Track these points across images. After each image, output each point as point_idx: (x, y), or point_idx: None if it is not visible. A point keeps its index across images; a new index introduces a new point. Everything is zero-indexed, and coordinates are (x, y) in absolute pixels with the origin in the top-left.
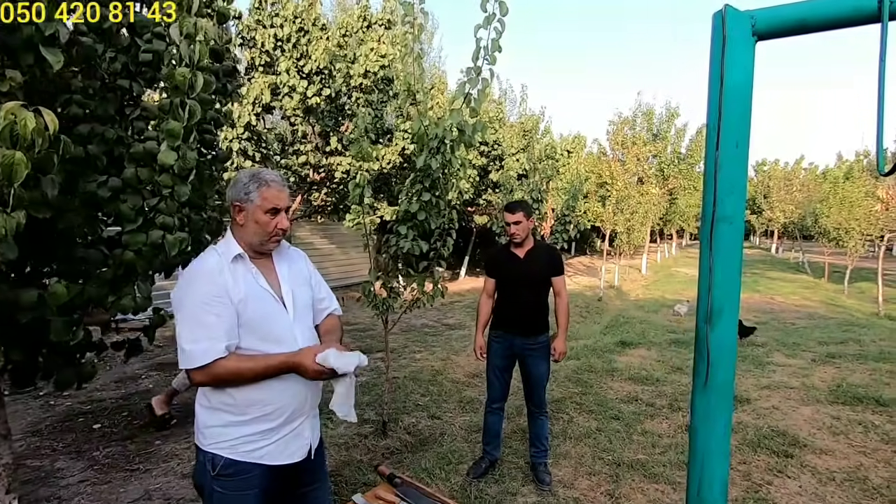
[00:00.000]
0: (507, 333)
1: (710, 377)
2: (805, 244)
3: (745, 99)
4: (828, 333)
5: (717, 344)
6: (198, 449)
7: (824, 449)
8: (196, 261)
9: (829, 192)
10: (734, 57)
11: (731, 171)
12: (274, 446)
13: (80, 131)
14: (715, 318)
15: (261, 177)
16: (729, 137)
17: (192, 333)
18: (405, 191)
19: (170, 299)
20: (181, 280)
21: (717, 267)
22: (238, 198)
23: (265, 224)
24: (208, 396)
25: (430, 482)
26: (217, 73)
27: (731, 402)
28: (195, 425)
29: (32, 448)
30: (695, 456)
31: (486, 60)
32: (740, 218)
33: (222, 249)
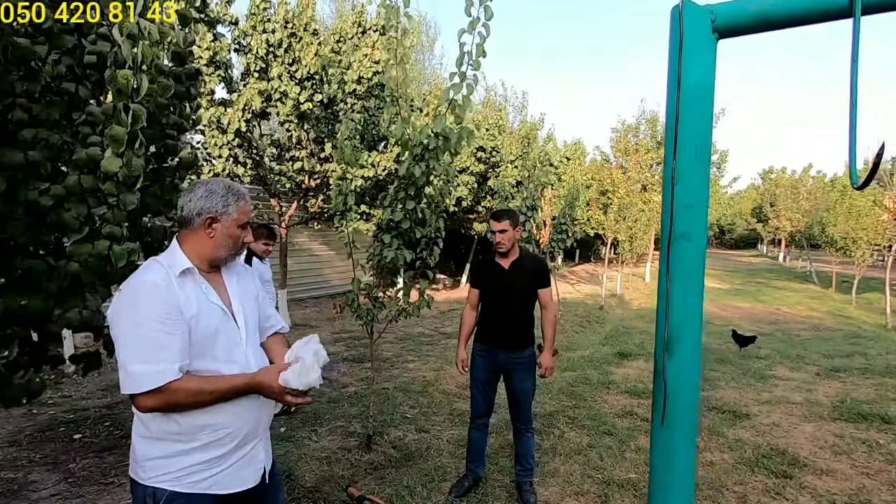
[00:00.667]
0: (492, 347)
1: (668, 413)
2: (812, 253)
3: (705, 101)
4: (833, 346)
5: (676, 375)
6: (134, 483)
7: (825, 469)
8: (138, 274)
9: (837, 200)
10: (693, 55)
11: (690, 182)
12: (224, 473)
13: (25, 136)
14: (673, 345)
15: (237, 190)
16: (687, 144)
17: (140, 354)
18: (389, 199)
19: None
20: (121, 295)
21: (674, 289)
22: (215, 210)
23: (236, 238)
24: (148, 425)
25: (409, 501)
26: (179, 77)
27: (694, 441)
28: (132, 457)
29: (9, 459)
30: (653, 500)
31: (471, 66)
32: (701, 234)
33: (167, 262)
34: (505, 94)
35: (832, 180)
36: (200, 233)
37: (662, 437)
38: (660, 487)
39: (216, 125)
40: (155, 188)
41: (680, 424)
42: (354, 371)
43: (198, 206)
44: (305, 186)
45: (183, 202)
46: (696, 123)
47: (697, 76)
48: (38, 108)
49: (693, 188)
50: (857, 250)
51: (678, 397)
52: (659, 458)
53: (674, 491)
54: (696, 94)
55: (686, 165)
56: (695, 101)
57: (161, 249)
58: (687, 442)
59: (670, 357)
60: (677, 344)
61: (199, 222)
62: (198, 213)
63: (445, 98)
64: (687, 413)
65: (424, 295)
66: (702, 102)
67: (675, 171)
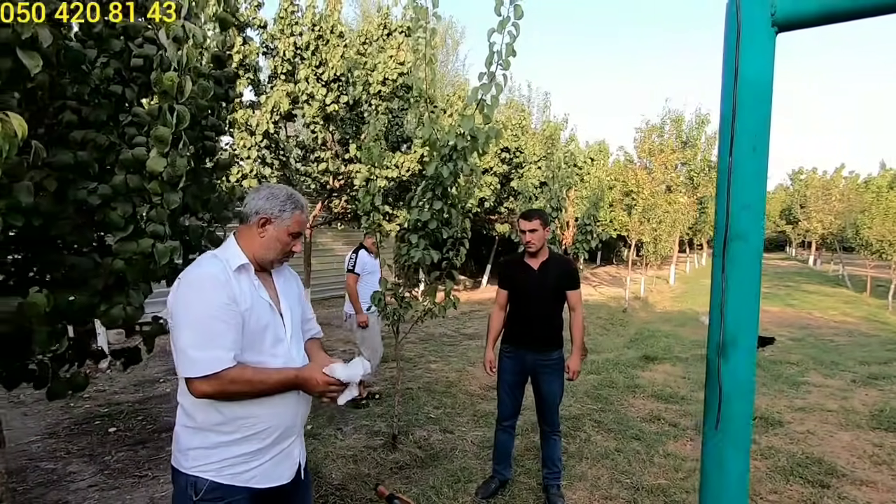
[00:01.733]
0: (519, 348)
1: (722, 418)
2: (845, 256)
3: (763, 97)
4: (870, 352)
5: (732, 379)
6: (176, 472)
7: (865, 480)
8: (197, 266)
9: (872, 202)
10: (751, 49)
11: (747, 181)
12: (263, 468)
13: (74, 137)
14: (728, 348)
15: (297, 200)
16: (744, 141)
17: (200, 341)
18: (416, 199)
19: (162, 305)
20: (182, 285)
21: (730, 291)
22: (270, 212)
23: (285, 244)
24: (193, 415)
25: (437, 501)
26: (219, 80)
27: (748, 448)
28: (174, 446)
29: (49, 450)
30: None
31: (500, 66)
32: (758, 235)
33: (224, 256)
34: (528, 95)
35: (866, 181)
36: (254, 230)
37: (716, 443)
38: (712, 495)
39: (245, 127)
40: (194, 188)
41: (734, 430)
42: (378, 371)
43: (257, 206)
44: (330, 187)
45: (247, 198)
46: (754, 119)
47: (755, 71)
48: (87, 111)
49: (750, 187)
50: (894, 253)
51: (732, 402)
52: (712, 465)
53: (728, 497)
54: (753, 89)
55: (743, 163)
56: (752, 96)
57: (199, 248)
58: (742, 448)
59: (725, 361)
60: (733, 348)
61: (254, 220)
62: (255, 212)
63: (474, 97)
64: (742, 418)
65: (450, 295)
66: (760, 98)
67: (732, 169)
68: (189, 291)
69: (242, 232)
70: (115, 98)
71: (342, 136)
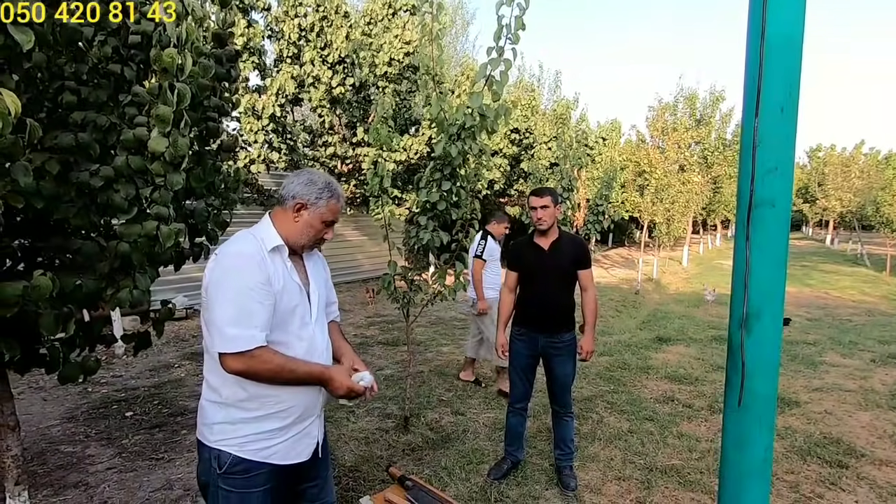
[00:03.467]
0: (531, 331)
1: (745, 394)
2: (864, 235)
3: (793, 54)
4: (890, 332)
5: (755, 354)
6: (201, 445)
7: (885, 460)
8: (235, 243)
9: (894, 178)
10: (780, 1)
11: (774, 144)
12: (283, 445)
13: (74, 118)
14: (752, 321)
15: (334, 189)
16: (772, 101)
17: (236, 317)
18: (424, 180)
19: (175, 291)
20: (220, 261)
21: (755, 261)
22: (307, 198)
23: (318, 231)
24: (219, 391)
25: (448, 482)
26: (220, 59)
27: (773, 426)
28: (200, 420)
29: (68, 434)
30: (725, 489)
31: (509, 40)
32: (786, 201)
33: (260, 236)
34: (539, 75)
35: (887, 157)
36: (289, 214)
37: (738, 420)
38: (733, 474)
39: (251, 111)
40: (198, 170)
41: (758, 407)
42: (389, 354)
43: (294, 190)
44: (338, 171)
45: (286, 181)
46: (783, 78)
47: (784, 25)
48: (87, 91)
49: (778, 150)
50: None
51: (756, 378)
52: (732, 443)
53: (750, 477)
54: (782, 44)
55: (770, 125)
56: (781, 52)
57: (205, 231)
58: (766, 426)
59: (748, 334)
60: (757, 320)
61: (290, 204)
62: (292, 196)
63: (482, 74)
64: (766, 394)
65: (461, 278)
66: (789, 54)
67: (758, 132)
68: (227, 269)
69: (278, 214)
70: (115, 77)
71: (349, 119)
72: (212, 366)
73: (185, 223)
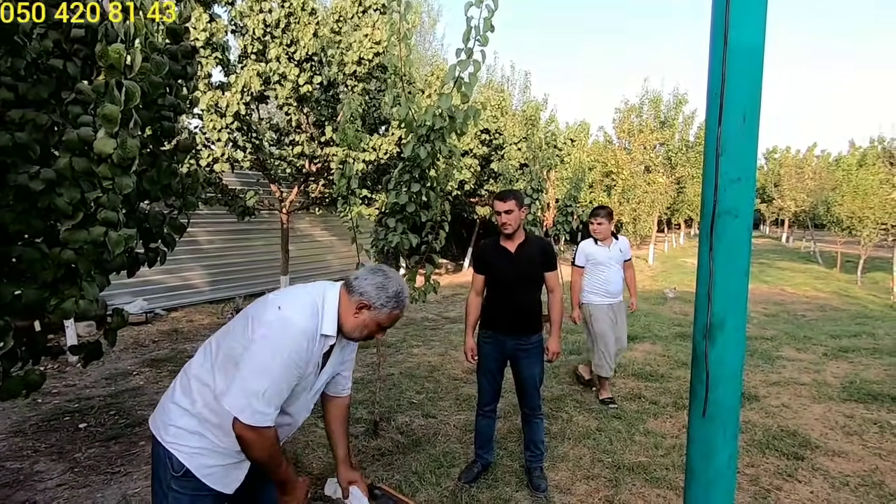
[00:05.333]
0: (499, 334)
1: (709, 404)
2: (816, 233)
3: (754, 62)
4: (840, 326)
5: (719, 364)
6: (156, 440)
7: (837, 451)
8: (302, 313)
9: (843, 179)
10: (741, 11)
11: (737, 153)
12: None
13: (12, 117)
14: (715, 331)
15: (402, 300)
16: (734, 110)
17: (269, 395)
18: (393, 182)
19: (133, 294)
20: (281, 327)
21: (718, 270)
22: (372, 301)
23: (372, 331)
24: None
25: (419, 487)
26: (175, 55)
27: (737, 433)
28: (159, 415)
29: (14, 449)
30: (692, 497)
31: (478, 41)
32: (748, 211)
33: (324, 313)
34: (510, 76)
35: (837, 160)
36: (352, 307)
37: (703, 430)
38: (700, 483)
39: (214, 109)
40: (152, 172)
41: (722, 416)
42: (359, 357)
43: (364, 288)
44: (306, 171)
45: (361, 273)
46: (745, 87)
47: (747, 34)
48: (25, 87)
49: (740, 160)
50: (863, 229)
51: (720, 387)
52: (698, 452)
53: (716, 486)
54: (744, 53)
55: (733, 134)
56: (743, 61)
57: (161, 236)
58: (730, 434)
59: (712, 344)
60: (720, 330)
61: (356, 298)
62: (360, 293)
63: (451, 76)
64: (730, 404)
65: (430, 280)
66: (751, 63)
67: (721, 141)
68: (283, 341)
69: (345, 300)
70: (56, 73)
71: (317, 118)
72: (205, 381)
73: (138, 228)
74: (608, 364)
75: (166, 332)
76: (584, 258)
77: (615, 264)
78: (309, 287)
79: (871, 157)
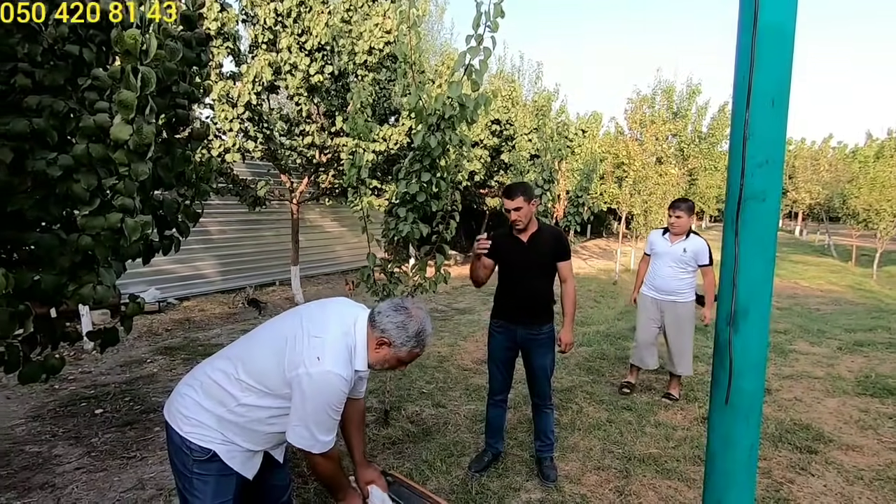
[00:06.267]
0: (510, 323)
1: (732, 392)
2: (831, 226)
3: (785, 44)
4: (855, 320)
5: (742, 351)
6: (171, 429)
7: (851, 445)
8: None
9: (859, 171)
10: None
11: (765, 137)
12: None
13: (29, 103)
14: (740, 319)
15: (423, 341)
16: (763, 93)
17: (330, 427)
18: (404, 171)
19: (147, 283)
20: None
21: (743, 256)
22: (393, 340)
23: (392, 366)
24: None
25: (429, 476)
26: (189, 42)
27: (759, 422)
28: (176, 405)
29: (33, 433)
30: (712, 486)
31: (488, 27)
32: (775, 195)
33: (356, 352)
34: (520, 66)
35: (853, 151)
36: (375, 341)
37: (725, 419)
38: (720, 472)
39: (225, 99)
40: (166, 160)
41: (745, 404)
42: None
43: (386, 325)
44: (316, 161)
45: (385, 307)
46: (775, 69)
47: (777, 14)
48: (42, 73)
49: (769, 143)
50: (880, 222)
51: (743, 376)
52: (719, 441)
53: (735, 476)
54: (774, 35)
55: (761, 118)
56: (773, 43)
57: (175, 223)
58: (752, 423)
59: (736, 332)
60: (744, 317)
61: (378, 333)
62: (382, 330)
63: (461, 63)
64: (752, 393)
65: (441, 270)
66: (781, 45)
67: (748, 124)
68: (329, 393)
69: (369, 333)
70: (73, 60)
71: (328, 108)
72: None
73: (153, 215)
74: (638, 355)
75: (179, 320)
76: (649, 246)
77: (672, 262)
78: (339, 320)
79: (888, 148)
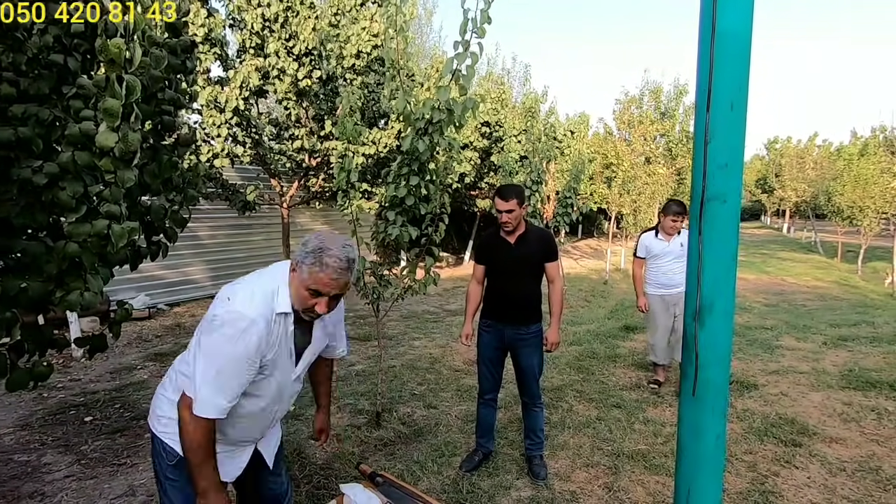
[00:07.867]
0: (498, 323)
1: (699, 384)
2: (817, 223)
3: (742, 50)
4: (840, 315)
5: (708, 345)
6: (152, 432)
7: (835, 437)
8: (250, 303)
9: (844, 169)
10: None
11: (725, 139)
12: None
13: (14, 112)
14: (705, 314)
15: (322, 258)
16: (722, 97)
17: (215, 386)
18: (392, 175)
19: (136, 290)
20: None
21: (707, 254)
22: (295, 259)
23: (304, 298)
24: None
25: (421, 476)
26: (174, 49)
27: (725, 413)
28: (152, 407)
29: (22, 442)
30: (682, 474)
31: (475, 33)
32: (736, 196)
33: (277, 292)
34: (510, 69)
35: (838, 149)
36: (293, 274)
37: (692, 410)
38: (689, 461)
39: (213, 104)
40: (153, 166)
41: (711, 396)
42: (361, 349)
43: (299, 249)
44: (306, 165)
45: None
46: (733, 73)
47: (734, 21)
48: (26, 82)
49: (729, 146)
50: (864, 219)
51: (709, 368)
52: (688, 431)
53: (704, 464)
54: (732, 40)
55: (721, 121)
56: (731, 48)
57: (162, 229)
58: (718, 414)
59: (701, 327)
60: (709, 313)
61: (292, 265)
62: (294, 260)
63: (449, 68)
64: (718, 384)
65: (430, 272)
66: (739, 50)
67: (709, 128)
68: (230, 333)
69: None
70: (57, 68)
71: (317, 112)
72: (186, 372)
73: (140, 221)
74: (655, 353)
75: (169, 326)
76: (644, 250)
77: (674, 258)
78: (260, 271)
79: (872, 146)
